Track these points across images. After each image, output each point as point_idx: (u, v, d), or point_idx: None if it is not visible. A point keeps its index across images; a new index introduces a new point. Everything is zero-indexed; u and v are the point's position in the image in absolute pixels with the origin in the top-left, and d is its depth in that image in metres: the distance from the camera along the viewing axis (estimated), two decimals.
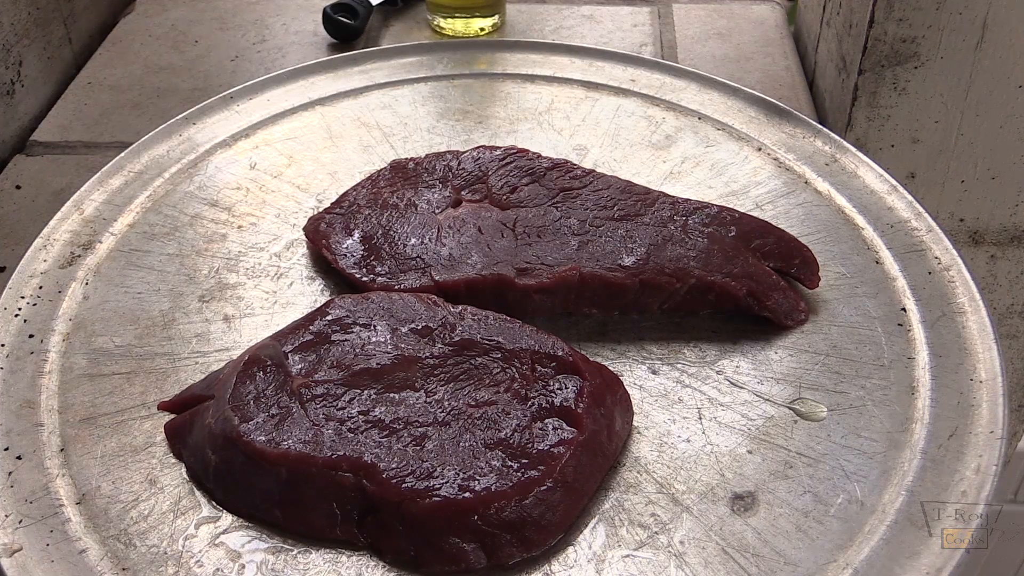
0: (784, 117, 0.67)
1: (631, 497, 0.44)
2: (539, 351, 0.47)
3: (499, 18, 0.84)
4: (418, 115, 0.69)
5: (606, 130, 0.67)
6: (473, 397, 0.45)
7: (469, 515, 0.40)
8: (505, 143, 0.65)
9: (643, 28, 0.85)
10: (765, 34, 0.84)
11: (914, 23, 0.65)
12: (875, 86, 0.68)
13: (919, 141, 0.71)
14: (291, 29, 0.86)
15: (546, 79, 0.73)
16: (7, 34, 0.74)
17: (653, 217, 0.55)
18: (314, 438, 0.43)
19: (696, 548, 0.42)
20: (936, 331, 0.51)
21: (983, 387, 0.48)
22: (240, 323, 0.53)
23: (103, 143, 0.72)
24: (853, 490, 0.44)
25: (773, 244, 0.54)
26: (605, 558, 0.42)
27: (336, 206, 0.58)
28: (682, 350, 0.51)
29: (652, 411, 0.48)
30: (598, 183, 0.58)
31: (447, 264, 0.53)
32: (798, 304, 0.53)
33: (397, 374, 0.46)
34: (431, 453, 0.42)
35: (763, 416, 0.48)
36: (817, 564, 0.41)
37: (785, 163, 0.64)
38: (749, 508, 0.44)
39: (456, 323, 0.48)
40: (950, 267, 0.55)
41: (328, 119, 0.69)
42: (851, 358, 0.50)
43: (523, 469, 0.42)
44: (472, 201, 0.57)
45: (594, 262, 0.52)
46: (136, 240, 0.58)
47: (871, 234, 0.58)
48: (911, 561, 0.41)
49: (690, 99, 0.70)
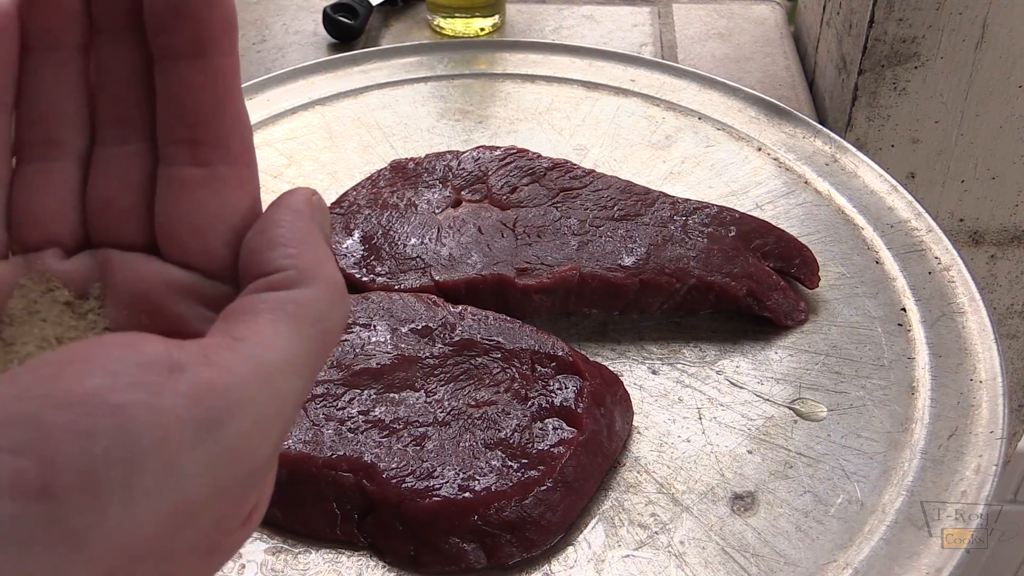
0: (784, 117, 0.67)
1: (631, 497, 0.44)
2: (539, 351, 0.47)
3: (499, 18, 0.84)
4: (418, 115, 0.69)
5: (606, 130, 0.67)
6: (473, 397, 0.45)
7: (469, 515, 0.40)
8: (505, 143, 0.65)
9: (643, 28, 0.85)
10: (765, 34, 0.84)
11: (914, 23, 0.65)
12: (875, 86, 0.68)
13: (919, 141, 0.71)
14: (291, 29, 0.86)
15: (546, 79, 0.73)
16: None
17: (653, 217, 0.55)
18: (314, 438, 0.43)
19: (696, 548, 0.42)
20: (936, 331, 0.51)
21: (983, 387, 0.48)
22: None
23: None
24: (853, 490, 0.44)
25: (773, 244, 0.54)
26: (605, 558, 0.42)
27: (336, 206, 0.58)
28: (682, 350, 0.51)
29: (652, 411, 0.48)
30: (598, 183, 0.58)
31: (447, 264, 0.53)
32: (798, 304, 0.53)
33: (397, 374, 0.46)
34: (431, 453, 0.42)
35: (763, 416, 0.48)
36: (817, 564, 0.41)
37: (785, 163, 0.64)
38: (749, 508, 0.44)
39: (456, 323, 0.48)
40: (950, 267, 0.55)
41: (328, 119, 0.69)
42: (851, 358, 0.50)
43: (523, 469, 0.42)
44: (472, 201, 0.57)
45: (594, 262, 0.52)
46: None
47: (871, 234, 0.58)
48: (911, 561, 0.41)
49: (690, 99, 0.70)
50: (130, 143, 0.24)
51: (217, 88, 0.23)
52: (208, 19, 0.22)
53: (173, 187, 0.23)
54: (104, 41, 0.24)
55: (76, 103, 0.24)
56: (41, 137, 0.24)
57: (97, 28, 0.24)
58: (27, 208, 0.24)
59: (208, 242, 0.23)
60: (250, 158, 0.24)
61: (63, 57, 0.24)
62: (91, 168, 0.24)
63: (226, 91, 0.23)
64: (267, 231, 0.23)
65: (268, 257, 0.22)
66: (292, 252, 0.22)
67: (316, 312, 0.22)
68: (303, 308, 0.22)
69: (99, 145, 0.24)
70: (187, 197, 0.23)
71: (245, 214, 0.24)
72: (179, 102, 0.23)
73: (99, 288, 0.24)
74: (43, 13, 0.23)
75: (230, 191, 0.23)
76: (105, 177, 0.24)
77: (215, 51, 0.23)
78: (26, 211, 0.24)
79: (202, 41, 0.22)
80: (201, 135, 0.23)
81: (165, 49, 0.23)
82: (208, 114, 0.23)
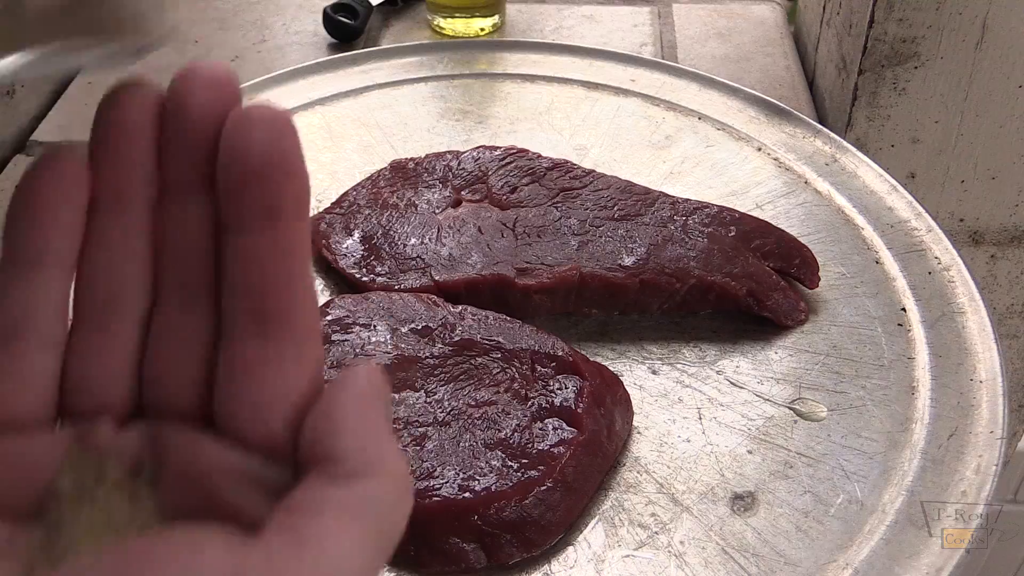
0: (784, 117, 0.67)
1: (631, 497, 0.44)
2: (539, 351, 0.47)
3: (499, 18, 0.84)
4: (418, 115, 0.69)
5: (606, 130, 0.67)
6: (473, 397, 0.45)
7: (469, 515, 0.40)
8: (505, 143, 0.64)
9: (643, 28, 0.85)
10: (765, 34, 0.84)
11: (914, 23, 0.65)
12: (875, 86, 0.68)
13: (919, 141, 0.70)
14: (291, 29, 0.86)
15: (546, 79, 0.73)
16: None
17: (653, 217, 0.55)
18: None
19: (696, 548, 0.42)
20: (936, 331, 0.51)
21: (983, 387, 0.48)
22: None
23: None
24: (853, 490, 0.44)
25: (773, 244, 0.54)
26: (605, 558, 0.42)
27: (336, 206, 0.58)
28: (682, 350, 0.51)
29: (652, 411, 0.48)
30: (598, 183, 0.58)
31: (447, 264, 0.53)
32: (798, 304, 0.53)
33: (397, 374, 0.46)
34: (431, 453, 0.42)
35: (763, 416, 0.48)
36: (817, 564, 0.41)
37: (785, 163, 0.64)
38: (749, 508, 0.44)
39: (456, 323, 0.48)
40: (950, 267, 0.55)
41: (328, 119, 0.69)
42: (851, 358, 0.50)
43: (523, 469, 0.42)
44: (472, 201, 0.57)
45: (594, 262, 0.52)
46: None
47: (871, 234, 0.58)
48: (911, 561, 0.41)
49: (690, 99, 0.70)
50: (193, 310, 0.23)
51: (287, 261, 0.22)
52: (283, 188, 0.21)
53: (236, 363, 0.22)
54: (172, 200, 0.23)
55: (140, 265, 0.23)
56: (102, 299, 0.23)
57: (166, 187, 0.23)
58: (82, 374, 0.23)
59: (269, 423, 0.22)
60: (316, 334, 0.23)
61: (131, 218, 0.23)
62: (151, 334, 0.23)
63: (296, 264, 0.22)
64: (331, 414, 0.22)
65: (332, 444, 0.21)
66: (358, 442, 0.21)
67: (382, 509, 0.21)
68: (370, 506, 0.21)
69: (160, 310, 0.23)
70: (250, 375, 0.22)
71: (308, 392, 0.22)
72: (246, 272, 0.22)
73: (151, 467, 0.22)
74: (115, 171, 0.22)
75: (294, 369, 0.22)
76: (165, 345, 0.23)
77: (287, 222, 0.21)
78: (81, 377, 0.23)
79: (275, 211, 0.21)
80: (268, 309, 0.22)
81: (235, 216, 0.21)
82: (276, 287, 0.22)
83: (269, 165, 0.21)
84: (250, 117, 0.21)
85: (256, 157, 0.21)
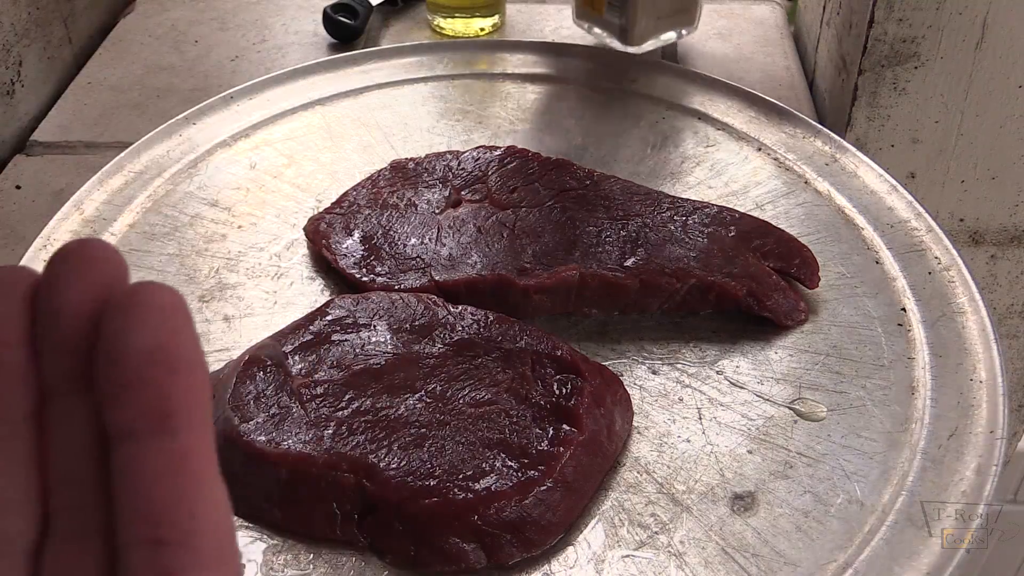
0: (784, 117, 0.67)
1: (631, 497, 0.44)
2: (539, 351, 0.47)
3: (499, 18, 0.84)
4: (418, 115, 0.69)
5: (606, 130, 0.67)
6: (473, 397, 0.45)
7: (469, 515, 0.40)
8: (505, 143, 0.64)
9: None
10: (765, 34, 0.84)
11: (914, 23, 0.65)
12: (875, 86, 0.68)
13: (919, 141, 0.70)
14: (291, 29, 0.86)
15: (546, 79, 0.73)
16: (7, 34, 0.74)
17: (653, 217, 0.55)
18: (314, 438, 0.43)
19: (696, 548, 0.42)
20: (936, 331, 0.51)
21: (983, 387, 0.48)
22: (240, 323, 0.53)
23: (103, 143, 0.72)
24: (853, 490, 0.44)
25: (773, 244, 0.54)
26: (605, 558, 0.42)
27: (336, 206, 0.58)
28: (682, 350, 0.51)
29: (652, 411, 0.48)
30: (598, 183, 0.58)
31: (447, 264, 0.53)
32: (798, 304, 0.53)
33: (397, 374, 0.46)
34: (431, 453, 0.42)
35: (763, 416, 0.48)
36: (817, 564, 0.41)
37: (785, 163, 0.64)
38: (749, 508, 0.44)
39: (456, 323, 0.48)
40: (950, 267, 0.55)
41: (328, 119, 0.69)
42: (851, 358, 0.50)
43: (523, 469, 0.42)
44: (472, 201, 0.57)
45: (594, 262, 0.52)
46: (136, 240, 0.58)
47: (871, 234, 0.58)
48: (911, 561, 0.41)
49: (690, 99, 0.70)
50: (87, 537, 0.19)
51: (184, 475, 0.18)
52: (172, 389, 0.18)
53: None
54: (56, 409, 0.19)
55: (25, 487, 0.19)
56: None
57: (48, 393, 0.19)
58: None
59: None
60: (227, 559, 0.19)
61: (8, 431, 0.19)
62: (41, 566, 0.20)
63: (195, 478, 0.19)
64: None
65: None
66: None
67: None
68: None
69: (51, 539, 0.20)
70: None
71: None
72: (137, 492, 0.18)
73: None
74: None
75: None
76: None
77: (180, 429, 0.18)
78: None
79: (163, 416, 0.18)
80: (165, 535, 0.18)
81: (119, 426, 0.18)
82: (173, 508, 0.18)
83: (152, 363, 0.18)
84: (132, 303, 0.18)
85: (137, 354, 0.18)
